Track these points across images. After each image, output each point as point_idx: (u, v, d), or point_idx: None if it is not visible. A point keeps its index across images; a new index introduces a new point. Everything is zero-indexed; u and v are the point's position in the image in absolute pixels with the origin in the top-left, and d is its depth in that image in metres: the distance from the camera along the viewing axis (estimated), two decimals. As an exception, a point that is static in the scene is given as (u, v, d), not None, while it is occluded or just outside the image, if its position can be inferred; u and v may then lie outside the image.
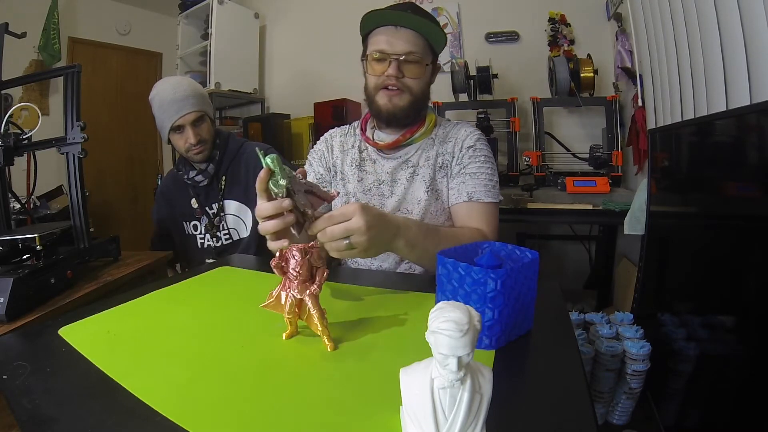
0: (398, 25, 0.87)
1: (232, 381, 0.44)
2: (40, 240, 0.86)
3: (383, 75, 0.88)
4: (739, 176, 0.91)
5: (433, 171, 0.94)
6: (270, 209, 0.56)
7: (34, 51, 2.52)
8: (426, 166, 0.94)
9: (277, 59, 3.11)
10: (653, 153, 1.48)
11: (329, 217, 0.59)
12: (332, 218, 0.59)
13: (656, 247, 1.43)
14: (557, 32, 2.26)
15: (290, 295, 0.50)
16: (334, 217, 0.59)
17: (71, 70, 0.98)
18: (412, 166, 0.95)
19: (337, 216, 0.60)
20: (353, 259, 0.98)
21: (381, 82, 0.89)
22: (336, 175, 1.01)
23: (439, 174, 0.94)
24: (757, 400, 0.77)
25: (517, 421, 0.37)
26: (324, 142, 1.05)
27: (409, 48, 0.87)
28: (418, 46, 0.88)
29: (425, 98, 0.95)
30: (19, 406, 0.39)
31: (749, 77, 0.80)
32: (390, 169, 0.95)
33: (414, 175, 0.94)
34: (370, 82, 0.92)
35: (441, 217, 0.94)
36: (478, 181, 0.91)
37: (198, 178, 1.28)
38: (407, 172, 0.94)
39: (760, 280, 0.80)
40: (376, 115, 0.95)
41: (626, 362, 1.17)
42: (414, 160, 0.95)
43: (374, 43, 0.90)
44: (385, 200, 0.95)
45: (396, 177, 0.95)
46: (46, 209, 2.08)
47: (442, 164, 0.94)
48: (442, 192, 0.94)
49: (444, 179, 0.94)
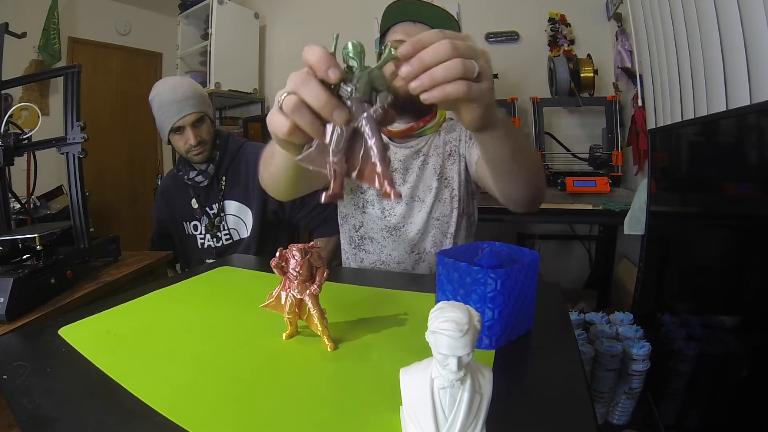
0: (416, 21, 0.88)
1: (232, 381, 0.43)
2: (40, 240, 0.86)
3: None
4: (739, 176, 0.91)
5: (443, 159, 0.95)
6: (320, 95, 0.35)
7: (34, 51, 2.51)
8: (435, 155, 0.95)
9: (277, 59, 3.11)
10: (653, 153, 1.48)
11: (418, 42, 0.38)
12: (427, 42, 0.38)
13: (656, 247, 1.43)
14: (557, 32, 2.26)
15: (290, 295, 0.50)
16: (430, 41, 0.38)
17: (71, 70, 0.98)
18: (422, 155, 0.96)
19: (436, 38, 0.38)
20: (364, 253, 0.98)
21: None
22: None
23: (448, 161, 0.95)
24: (757, 400, 0.77)
25: (517, 421, 0.37)
26: None
27: None
28: None
29: None
30: (19, 406, 0.39)
31: (749, 77, 0.81)
32: (402, 157, 0.96)
33: (424, 164, 0.95)
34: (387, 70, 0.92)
35: (451, 204, 0.95)
36: None
37: (198, 178, 1.28)
38: (418, 160, 0.96)
39: (761, 280, 0.80)
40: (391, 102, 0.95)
41: (626, 362, 1.17)
42: (424, 150, 0.96)
43: (391, 36, 0.91)
44: (398, 188, 0.97)
45: (408, 166, 0.96)
46: (46, 209, 2.08)
47: (450, 152, 0.95)
48: (452, 179, 0.95)
49: (454, 165, 0.95)
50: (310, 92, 0.35)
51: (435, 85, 0.38)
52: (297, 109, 0.36)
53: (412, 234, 0.95)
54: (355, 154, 0.37)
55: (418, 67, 0.38)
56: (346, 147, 0.37)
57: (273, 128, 0.39)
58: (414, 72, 0.38)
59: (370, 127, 0.36)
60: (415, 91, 0.38)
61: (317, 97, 0.35)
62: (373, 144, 0.36)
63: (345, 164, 0.37)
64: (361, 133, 0.37)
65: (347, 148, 0.37)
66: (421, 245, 0.96)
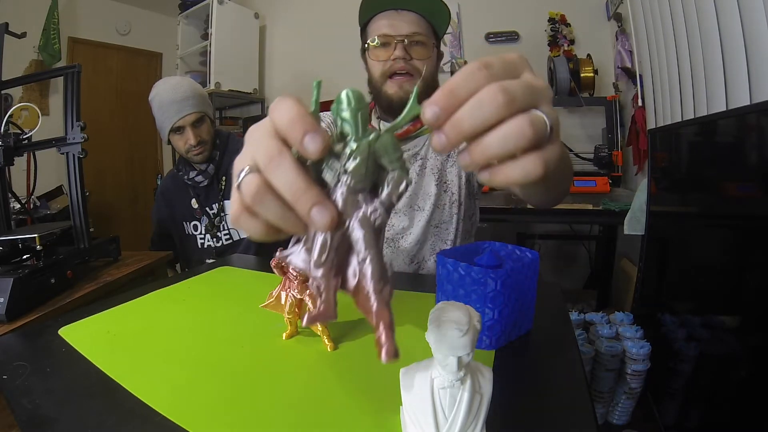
0: (399, 8, 0.82)
1: (232, 381, 0.43)
2: (40, 240, 0.86)
3: (389, 60, 0.82)
4: (739, 176, 0.91)
5: (441, 160, 0.90)
6: (292, 181, 0.23)
7: (34, 51, 2.51)
8: (433, 157, 0.91)
9: (277, 59, 3.11)
10: (653, 153, 1.48)
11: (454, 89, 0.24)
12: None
13: (656, 247, 1.43)
14: (557, 32, 2.26)
15: (290, 295, 0.50)
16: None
17: (71, 70, 0.98)
18: (420, 158, 0.91)
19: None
20: None
21: (387, 69, 0.83)
22: None
23: (447, 163, 0.91)
24: (757, 400, 0.77)
25: (517, 421, 0.37)
26: (329, 119, 0.91)
27: (413, 29, 0.82)
28: (422, 27, 0.83)
29: (435, 85, 0.87)
30: (19, 406, 0.39)
31: (749, 77, 0.81)
32: None
33: (423, 168, 0.91)
34: (375, 70, 0.85)
35: (451, 210, 0.91)
36: None
37: (198, 178, 1.28)
38: (416, 165, 0.91)
39: (761, 280, 0.80)
40: (386, 107, 0.88)
41: (626, 362, 1.17)
42: (423, 152, 0.91)
43: (375, 29, 0.84)
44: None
45: None
46: (46, 209, 2.08)
47: (449, 152, 0.91)
48: (452, 183, 0.91)
49: (453, 168, 0.91)
50: (280, 175, 0.23)
51: (488, 163, 0.24)
52: (261, 196, 0.24)
53: (410, 245, 0.91)
54: (347, 263, 0.25)
55: (457, 138, 0.23)
56: (336, 254, 0.25)
57: (237, 223, 0.26)
58: (451, 144, 0.24)
59: (365, 236, 0.24)
60: (464, 170, 0.26)
61: (288, 183, 0.23)
62: (369, 263, 0.24)
63: (334, 278, 0.26)
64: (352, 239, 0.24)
65: (338, 253, 0.25)
66: (419, 254, 0.93)
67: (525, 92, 0.23)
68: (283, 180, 0.23)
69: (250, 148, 0.25)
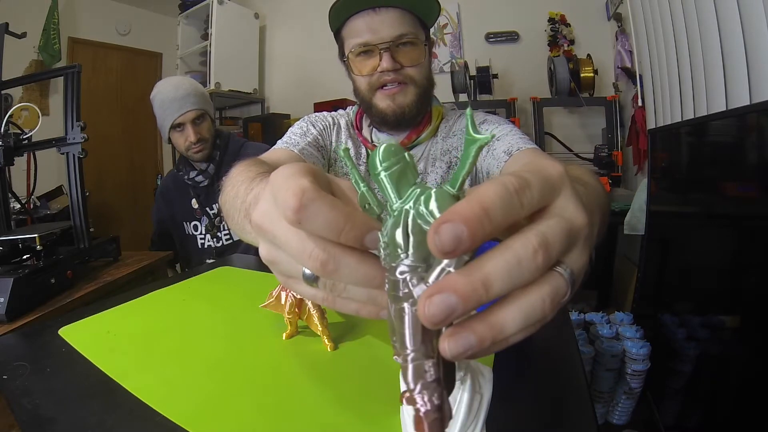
0: (376, 6, 0.69)
1: (231, 381, 0.43)
2: (40, 240, 0.86)
3: (376, 72, 0.71)
4: (738, 176, 0.91)
5: (443, 171, 0.80)
6: (367, 275, 0.21)
7: (34, 51, 2.52)
8: (434, 170, 0.80)
9: (277, 59, 3.11)
10: (653, 153, 1.48)
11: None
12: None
13: (656, 247, 1.43)
14: (557, 32, 2.27)
15: (290, 295, 0.50)
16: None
17: (71, 70, 0.98)
18: (420, 172, 0.81)
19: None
20: None
21: (375, 81, 0.72)
22: (328, 170, 0.81)
23: (449, 175, 0.80)
24: (757, 400, 0.77)
25: (517, 421, 0.37)
26: (331, 118, 0.84)
27: (398, 30, 0.69)
28: (408, 24, 0.70)
29: (431, 86, 0.78)
30: (19, 406, 0.39)
31: (749, 77, 0.80)
32: None
33: (424, 181, 0.83)
34: (361, 84, 0.74)
35: None
36: (510, 138, 0.69)
37: (198, 178, 1.28)
38: None
39: (760, 279, 0.80)
40: (379, 120, 0.78)
41: (626, 362, 1.17)
42: (422, 164, 0.80)
43: (352, 34, 0.71)
44: None
45: None
46: (46, 209, 2.08)
47: (451, 162, 0.79)
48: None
49: None
50: (353, 272, 0.21)
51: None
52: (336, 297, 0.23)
53: None
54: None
55: (479, 302, 0.17)
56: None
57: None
58: (468, 310, 0.17)
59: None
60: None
61: (365, 277, 0.21)
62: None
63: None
64: None
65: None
66: None
67: (563, 243, 0.19)
68: (358, 275, 0.21)
69: (294, 249, 0.22)
